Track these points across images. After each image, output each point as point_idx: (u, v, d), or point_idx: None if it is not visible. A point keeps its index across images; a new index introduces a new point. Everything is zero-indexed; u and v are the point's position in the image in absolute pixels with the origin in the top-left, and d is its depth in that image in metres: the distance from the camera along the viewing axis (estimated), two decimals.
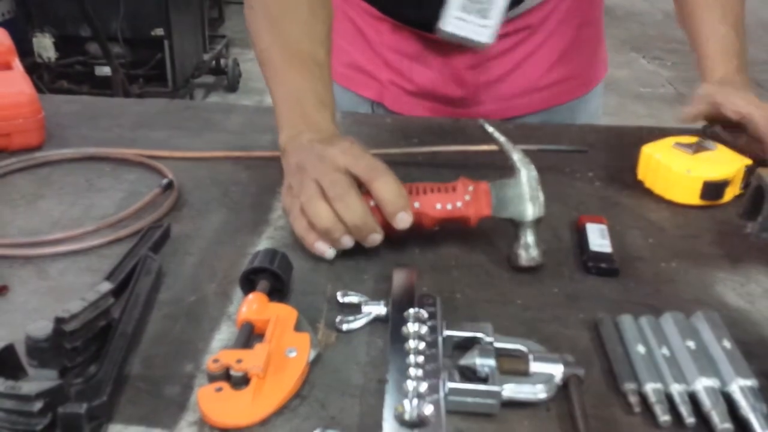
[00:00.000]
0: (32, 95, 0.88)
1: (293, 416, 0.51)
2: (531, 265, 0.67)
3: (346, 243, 0.67)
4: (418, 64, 1.06)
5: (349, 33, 1.12)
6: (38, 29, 3.30)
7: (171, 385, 0.53)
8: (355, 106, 1.13)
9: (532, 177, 0.67)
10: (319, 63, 0.81)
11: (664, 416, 0.51)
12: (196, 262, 0.68)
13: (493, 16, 0.92)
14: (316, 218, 0.66)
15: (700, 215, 0.79)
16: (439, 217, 0.68)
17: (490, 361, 0.53)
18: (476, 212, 0.68)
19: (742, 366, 0.54)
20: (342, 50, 1.14)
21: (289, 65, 0.81)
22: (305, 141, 0.73)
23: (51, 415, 0.47)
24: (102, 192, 0.80)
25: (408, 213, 0.66)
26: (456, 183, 0.69)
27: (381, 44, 1.08)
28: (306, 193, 0.67)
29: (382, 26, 1.06)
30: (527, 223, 0.66)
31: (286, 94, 0.80)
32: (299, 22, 0.83)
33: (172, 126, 0.97)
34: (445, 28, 0.94)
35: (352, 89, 1.14)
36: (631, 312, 0.61)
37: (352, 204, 0.66)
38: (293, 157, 0.73)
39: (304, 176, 0.69)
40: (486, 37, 0.94)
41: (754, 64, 4.37)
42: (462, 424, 0.51)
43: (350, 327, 0.59)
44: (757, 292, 0.66)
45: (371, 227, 0.66)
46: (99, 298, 0.55)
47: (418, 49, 1.04)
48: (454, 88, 1.06)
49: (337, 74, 1.16)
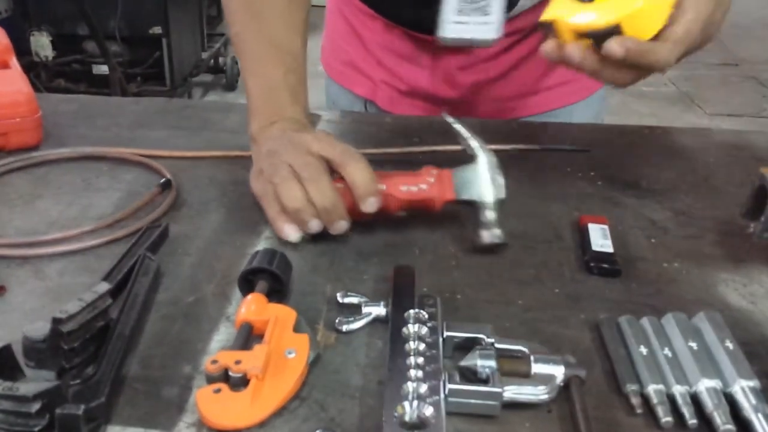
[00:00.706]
0: (29, 94, 0.88)
1: (292, 418, 0.51)
2: (494, 242, 0.69)
3: (313, 226, 0.68)
4: (410, 63, 1.05)
5: (344, 31, 1.11)
6: (35, 28, 3.29)
7: (169, 386, 0.53)
8: (349, 104, 1.13)
9: (491, 161, 0.70)
10: (293, 53, 0.81)
11: (666, 418, 0.51)
12: (195, 262, 0.68)
13: (494, 11, 0.91)
14: (289, 199, 0.68)
15: (703, 215, 0.79)
16: (405, 199, 0.70)
17: (491, 363, 0.53)
18: (440, 194, 0.70)
19: (745, 367, 0.53)
20: (338, 47, 1.14)
21: (263, 54, 0.81)
22: (276, 130, 0.75)
23: (48, 416, 0.46)
24: (100, 192, 0.79)
25: (377, 197, 0.68)
26: (421, 169, 0.72)
27: (374, 43, 1.07)
28: (279, 175, 0.69)
29: (375, 25, 1.06)
30: (488, 204, 0.69)
31: (260, 85, 0.80)
32: (277, 7, 0.82)
33: (170, 125, 0.97)
34: (445, 35, 0.93)
35: (346, 86, 1.14)
36: (632, 312, 0.60)
37: (323, 187, 0.67)
38: (264, 145, 0.74)
39: (276, 159, 0.70)
40: (492, 33, 0.92)
41: (755, 63, 4.38)
42: (462, 426, 0.51)
43: (350, 328, 0.59)
44: (759, 293, 0.66)
45: (340, 213, 0.68)
46: (97, 299, 0.55)
47: (411, 49, 1.04)
48: (446, 89, 1.05)
49: (333, 71, 1.16)
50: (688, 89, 4.39)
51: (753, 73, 4.64)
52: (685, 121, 3.92)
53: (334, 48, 1.16)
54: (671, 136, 0.99)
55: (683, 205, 0.81)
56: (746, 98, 4.29)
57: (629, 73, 0.65)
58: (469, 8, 0.91)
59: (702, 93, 4.35)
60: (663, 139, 0.98)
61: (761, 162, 0.82)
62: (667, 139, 0.98)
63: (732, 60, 4.86)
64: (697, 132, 1.02)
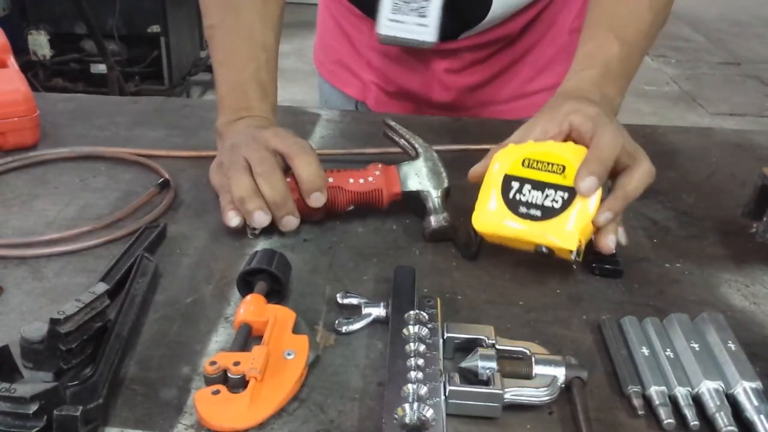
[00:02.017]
0: (27, 93, 0.87)
1: (291, 419, 0.50)
2: (442, 224, 0.71)
3: (258, 218, 0.69)
4: (398, 65, 1.05)
5: (334, 30, 1.11)
6: (33, 26, 3.28)
7: (167, 387, 0.53)
8: (341, 103, 1.13)
9: (433, 156, 0.75)
10: (267, 48, 0.81)
11: (668, 419, 0.50)
12: (193, 262, 0.67)
13: (431, 15, 0.91)
14: (236, 188, 0.69)
15: (705, 215, 0.78)
16: (353, 191, 0.72)
17: (492, 364, 0.52)
18: (387, 186, 0.73)
19: (747, 368, 0.53)
20: (329, 46, 1.13)
21: (237, 48, 0.81)
22: (242, 125, 0.76)
23: (46, 417, 0.46)
24: (97, 192, 0.79)
25: (323, 193, 0.70)
26: (367, 166, 0.75)
27: (363, 44, 1.07)
28: (234, 167, 0.70)
29: (364, 26, 1.05)
30: (433, 193, 0.72)
31: (230, 80, 0.80)
32: (253, 2, 0.82)
33: (168, 125, 0.96)
34: (380, 32, 0.93)
35: (337, 86, 1.13)
36: (634, 313, 0.60)
37: (274, 182, 0.69)
38: (228, 140, 0.75)
39: (235, 155, 0.71)
40: (429, 36, 0.92)
41: (757, 62, 4.39)
42: (463, 428, 0.50)
43: (349, 329, 0.59)
44: (762, 293, 0.66)
45: (289, 208, 0.70)
46: (94, 300, 0.54)
47: (399, 50, 1.03)
48: (437, 92, 1.05)
49: (325, 70, 1.16)
50: (689, 89, 4.40)
51: (755, 73, 4.65)
52: (687, 120, 3.92)
53: (325, 47, 1.16)
54: (673, 135, 0.99)
55: (685, 205, 0.80)
56: (748, 97, 4.30)
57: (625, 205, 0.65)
58: (405, 8, 0.91)
59: (704, 92, 4.35)
60: (665, 139, 0.97)
61: (763, 162, 0.82)
62: (669, 139, 0.97)
63: (734, 59, 4.87)
64: (699, 132, 1.02)
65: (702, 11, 5.56)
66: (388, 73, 1.06)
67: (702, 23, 5.39)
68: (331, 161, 0.87)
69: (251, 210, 0.68)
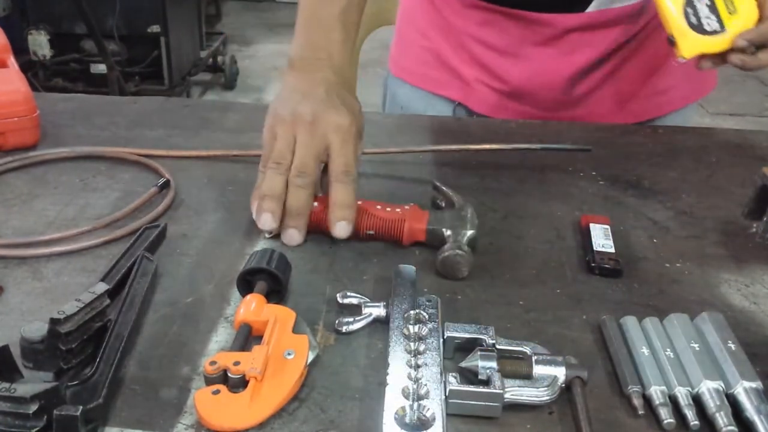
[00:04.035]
0: (27, 93, 0.87)
1: (292, 419, 0.50)
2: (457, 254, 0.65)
3: (266, 220, 0.69)
4: (511, 61, 0.98)
5: (434, 27, 1.04)
6: (33, 26, 3.28)
7: (167, 387, 0.53)
8: (433, 108, 1.06)
9: (468, 209, 0.71)
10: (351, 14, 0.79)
11: (668, 419, 0.50)
12: (193, 262, 0.67)
13: None
14: (266, 182, 0.69)
15: (705, 215, 0.78)
16: (375, 215, 0.70)
17: (492, 364, 0.52)
18: (411, 219, 0.69)
19: (747, 368, 0.53)
20: (423, 48, 1.06)
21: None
22: (316, 82, 0.73)
23: (46, 417, 0.46)
24: (97, 191, 0.79)
25: (349, 224, 0.69)
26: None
27: (468, 36, 1.00)
28: (277, 163, 0.70)
29: (476, 16, 0.98)
30: (459, 233, 0.68)
31: (314, 8, 0.78)
32: None
33: (168, 124, 0.96)
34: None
35: (430, 89, 1.07)
36: (634, 313, 0.60)
37: (301, 196, 0.69)
38: (297, 90, 0.73)
39: (286, 139, 0.70)
40: None
41: None
42: (463, 428, 0.50)
43: (350, 328, 0.59)
44: (762, 293, 0.66)
45: (299, 224, 0.70)
46: (94, 299, 0.54)
47: (514, 43, 0.97)
48: (551, 92, 0.99)
49: (415, 76, 1.08)
50: None
51: (755, 73, 4.64)
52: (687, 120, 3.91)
53: (409, 45, 1.08)
54: (673, 135, 0.99)
55: (685, 205, 0.80)
56: (748, 98, 4.29)
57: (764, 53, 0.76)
58: None
59: None
60: (665, 139, 0.97)
61: (763, 162, 0.82)
62: (669, 139, 0.97)
63: None
64: (700, 131, 1.02)
65: None
66: (497, 68, 0.99)
67: None
68: None
69: (264, 210, 0.69)
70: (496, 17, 0.98)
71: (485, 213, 0.77)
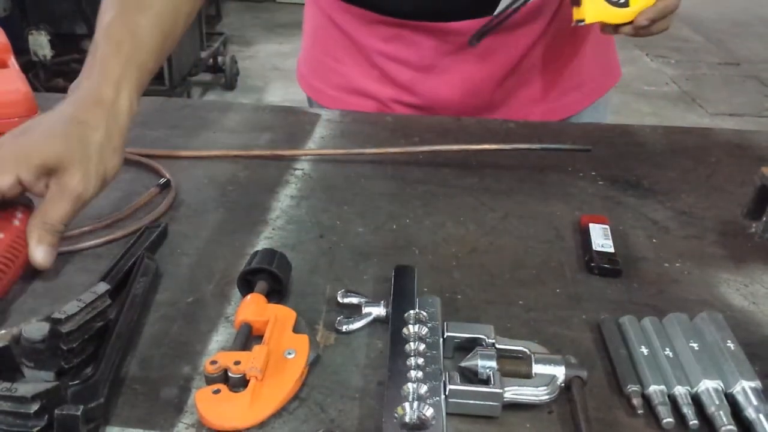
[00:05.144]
0: (28, 93, 0.87)
1: (292, 419, 0.50)
2: None
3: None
4: (427, 74, 0.96)
5: (340, 47, 1.00)
6: (34, 27, 3.28)
7: (168, 387, 0.53)
8: None
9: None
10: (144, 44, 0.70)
11: (667, 418, 0.50)
12: (194, 262, 0.67)
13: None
14: None
15: (704, 215, 0.78)
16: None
17: (492, 363, 0.52)
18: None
19: (746, 367, 0.53)
20: (331, 70, 1.03)
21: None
22: (64, 103, 0.63)
23: (47, 416, 0.46)
24: None
25: (51, 251, 0.58)
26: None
27: (378, 54, 0.97)
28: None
29: (382, 32, 0.95)
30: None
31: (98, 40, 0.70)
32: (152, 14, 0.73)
33: (169, 125, 0.96)
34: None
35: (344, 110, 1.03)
36: (634, 313, 0.60)
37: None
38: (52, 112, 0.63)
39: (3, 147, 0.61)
40: None
41: (757, 62, 4.37)
42: (463, 427, 0.50)
43: (350, 328, 0.59)
44: (761, 293, 0.66)
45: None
46: (95, 299, 0.55)
47: (428, 56, 0.95)
48: (473, 99, 0.98)
49: (328, 98, 1.04)
50: (689, 89, 4.39)
51: (754, 73, 4.64)
52: (687, 120, 3.92)
53: (325, 70, 1.04)
54: (673, 135, 0.99)
55: (685, 205, 0.80)
56: (748, 98, 4.29)
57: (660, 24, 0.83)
58: None
59: (703, 92, 4.35)
60: (664, 139, 0.97)
61: (763, 162, 0.82)
62: (669, 139, 0.97)
63: (733, 59, 4.86)
64: (699, 131, 1.02)
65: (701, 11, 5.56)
66: (412, 85, 0.97)
67: (701, 23, 5.38)
68: (331, 161, 0.87)
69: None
70: (403, 32, 0.94)
71: (485, 213, 0.77)
